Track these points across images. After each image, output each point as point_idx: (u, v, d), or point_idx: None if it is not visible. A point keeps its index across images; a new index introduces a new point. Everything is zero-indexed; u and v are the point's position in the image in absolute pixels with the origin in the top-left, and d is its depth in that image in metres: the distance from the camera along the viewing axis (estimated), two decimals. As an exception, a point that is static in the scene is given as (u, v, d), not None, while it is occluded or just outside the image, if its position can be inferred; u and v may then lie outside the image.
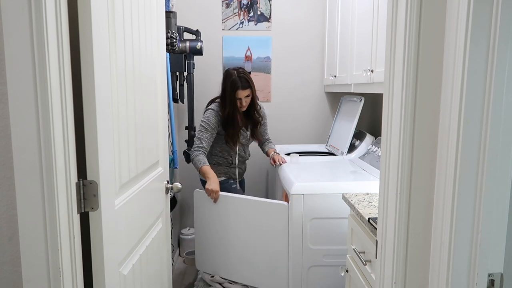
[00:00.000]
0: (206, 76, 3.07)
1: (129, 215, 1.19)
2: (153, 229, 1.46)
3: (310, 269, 1.96)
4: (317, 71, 3.10)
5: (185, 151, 2.75)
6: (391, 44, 0.90)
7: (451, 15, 0.77)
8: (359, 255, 1.35)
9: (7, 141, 0.85)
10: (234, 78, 2.25)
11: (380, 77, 1.79)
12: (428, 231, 0.85)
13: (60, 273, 0.87)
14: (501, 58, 0.69)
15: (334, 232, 1.91)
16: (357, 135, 2.64)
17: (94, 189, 0.96)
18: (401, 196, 0.87)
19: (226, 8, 3.01)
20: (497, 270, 0.75)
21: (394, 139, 0.89)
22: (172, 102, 2.46)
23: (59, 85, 0.86)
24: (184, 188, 3.16)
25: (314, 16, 3.04)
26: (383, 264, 0.96)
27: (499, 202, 0.73)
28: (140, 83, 1.28)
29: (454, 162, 0.75)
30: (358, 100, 2.59)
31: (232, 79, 2.25)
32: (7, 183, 0.87)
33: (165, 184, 1.62)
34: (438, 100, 0.81)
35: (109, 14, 1.02)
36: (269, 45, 3.06)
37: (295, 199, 1.90)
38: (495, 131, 0.71)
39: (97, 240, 0.99)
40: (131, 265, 1.21)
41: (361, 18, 2.13)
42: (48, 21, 0.81)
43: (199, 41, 2.56)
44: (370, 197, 1.54)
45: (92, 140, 0.96)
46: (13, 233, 0.88)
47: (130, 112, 1.19)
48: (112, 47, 1.05)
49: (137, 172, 1.26)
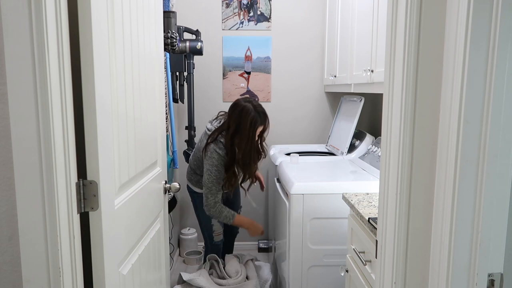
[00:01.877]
0: (206, 76, 3.08)
1: (128, 215, 1.19)
2: (152, 229, 1.46)
3: (310, 269, 1.96)
4: (317, 71, 3.10)
5: (185, 151, 2.76)
6: (391, 44, 0.90)
7: (451, 15, 0.77)
8: (359, 255, 1.35)
9: (7, 141, 0.85)
10: (254, 115, 2.03)
11: (380, 77, 1.79)
12: (428, 231, 0.85)
13: (60, 273, 0.87)
14: (501, 58, 0.69)
15: (334, 232, 1.91)
16: (357, 135, 2.64)
17: (94, 189, 0.96)
18: (401, 196, 0.87)
19: (226, 8, 3.01)
20: (497, 270, 0.75)
21: (394, 139, 0.89)
22: (172, 102, 2.45)
23: (59, 85, 0.86)
24: (184, 188, 3.17)
25: (314, 16, 3.04)
26: (383, 264, 0.96)
27: (499, 202, 0.73)
28: (139, 83, 1.28)
29: (454, 162, 0.75)
30: (358, 100, 2.59)
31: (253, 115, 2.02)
32: (7, 183, 0.86)
33: (163, 184, 1.62)
34: (438, 100, 0.81)
35: (108, 14, 1.02)
36: (269, 45, 3.06)
37: (295, 199, 1.90)
38: (495, 131, 0.71)
39: (97, 240, 0.99)
40: (130, 265, 1.21)
41: (361, 18, 2.13)
42: (48, 21, 0.81)
43: (199, 41, 2.56)
44: (370, 197, 1.54)
45: (92, 140, 0.96)
46: (13, 233, 0.88)
47: (129, 112, 1.19)
48: (111, 47, 1.05)
49: (136, 172, 1.26)
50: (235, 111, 2.07)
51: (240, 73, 3.08)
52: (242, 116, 2.04)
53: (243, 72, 3.08)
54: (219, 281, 2.11)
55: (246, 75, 3.09)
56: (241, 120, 2.04)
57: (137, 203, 1.27)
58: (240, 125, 2.04)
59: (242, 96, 2.20)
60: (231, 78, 3.09)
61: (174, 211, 2.83)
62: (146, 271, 1.37)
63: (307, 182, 1.97)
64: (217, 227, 2.32)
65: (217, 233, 2.33)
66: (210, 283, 2.07)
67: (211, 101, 3.10)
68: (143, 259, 1.34)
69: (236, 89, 3.09)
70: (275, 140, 3.10)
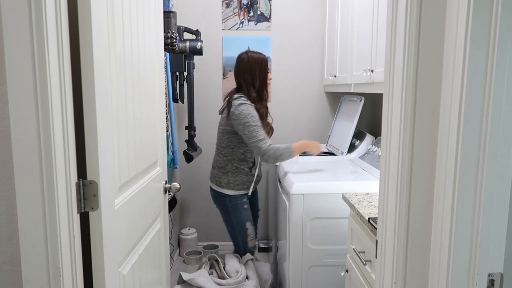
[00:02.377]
0: (206, 76, 3.08)
1: (128, 215, 1.19)
2: (152, 229, 1.46)
3: (310, 269, 1.96)
4: (317, 71, 3.10)
5: (185, 151, 2.75)
6: (391, 44, 0.90)
7: (451, 15, 0.77)
8: (359, 255, 1.35)
9: (7, 141, 0.85)
10: (263, 57, 2.17)
11: (380, 77, 1.79)
12: (428, 231, 0.85)
13: (60, 273, 0.87)
14: (501, 57, 0.69)
15: (334, 232, 1.91)
16: (357, 135, 2.64)
17: (94, 189, 0.96)
18: (401, 196, 0.87)
19: (226, 8, 3.01)
20: (497, 270, 0.75)
21: (394, 139, 0.89)
22: (172, 102, 2.45)
23: (59, 85, 0.86)
24: (184, 188, 3.17)
25: (314, 16, 3.04)
26: (383, 264, 0.96)
27: (499, 202, 0.73)
28: (139, 83, 1.28)
29: (454, 162, 0.75)
30: (358, 100, 2.59)
31: (263, 57, 2.17)
32: (7, 183, 0.87)
33: (163, 184, 1.62)
34: (438, 100, 0.81)
35: (108, 14, 1.02)
36: (269, 45, 3.06)
37: (295, 199, 1.90)
38: (495, 131, 0.71)
39: (97, 240, 0.99)
40: (130, 265, 1.21)
41: (361, 17, 2.13)
42: (48, 21, 0.81)
43: (199, 41, 2.56)
44: (370, 197, 1.54)
45: (92, 140, 0.96)
46: (13, 233, 0.88)
47: (129, 112, 1.19)
48: (111, 47, 1.05)
49: (136, 172, 1.26)
50: (242, 64, 2.19)
51: (240, 73, 3.08)
52: (257, 62, 2.17)
53: (243, 72, 3.08)
54: (219, 281, 2.11)
55: (246, 75, 3.08)
56: (257, 65, 2.16)
57: (137, 203, 1.27)
58: (254, 72, 2.16)
59: None
60: (231, 78, 3.07)
61: (174, 211, 2.84)
62: (146, 271, 1.37)
63: (307, 182, 1.97)
64: (251, 231, 2.27)
65: (251, 237, 2.28)
66: (210, 283, 2.07)
67: (211, 101, 3.10)
68: (143, 259, 1.34)
69: (236, 89, 3.09)
70: (275, 140, 3.09)
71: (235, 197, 2.24)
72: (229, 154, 2.21)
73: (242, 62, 2.21)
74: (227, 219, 2.31)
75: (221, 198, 2.27)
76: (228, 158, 2.22)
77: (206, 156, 3.12)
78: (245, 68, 2.19)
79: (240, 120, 2.08)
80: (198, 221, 3.23)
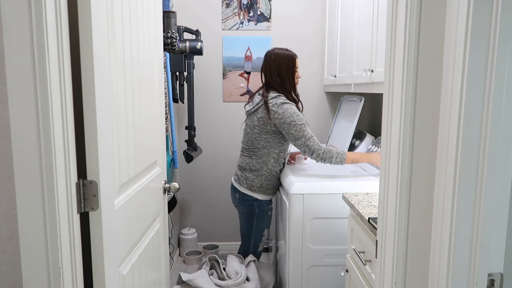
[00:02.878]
0: (206, 76, 3.08)
1: (128, 215, 1.19)
2: (152, 229, 1.46)
3: (310, 269, 1.96)
4: (317, 71, 3.10)
5: (185, 151, 2.75)
6: (391, 44, 0.90)
7: (451, 15, 0.77)
8: (359, 255, 1.35)
9: (7, 141, 0.85)
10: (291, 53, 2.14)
11: (380, 77, 1.79)
12: (428, 231, 0.85)
13: (60, 273, 0.87)
14: (501, 57, 0.69)
15: (334, 232, 1.91)
16: (357, 135, 2.64)
17: (94, 189, 0.96)
18: (401, 196, 0.87)
19: (226, 8, 3.01)
20: (497, 270, 0.75)
21: (394, 139, 0.89)
22: (172, 102, 2.45)
23: (59, 85, 0.86)
24: (184, 188, 3.17)
25: (314, 16, 3.04)
26: (383, 264, 0.96)
27: (499, 202, 0.73)
28: (139, 83, 1.28)
29: (454, 162, 0.75)
30: (358, 100, 2.59)
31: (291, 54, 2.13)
32: (7, 183, 0.87)
33: (163, 184, 1.62)
34: (438, 100, 0.81)
35: (108, 14, 1.02)
36: (269, 45, 3.06)
37: (295, 199, 1.90)
38: (495, 131, 0.71)
39: (97, 240, 0.99)
40: (130, 265, 1.21)
41: (361, 18, 2.13)
42: (48, 21, 0.81)
43: (199, 41, 2.56)
44: (370, 197, 1.54)
45: (92, 140, 0.96)
46: (13, 233, 0.88)
47: (129, 112, 1.19)
48: (111, 47, 1.05)
49: (136, 172, 1.26)
50: (270, 60, 2.15)
51: (240, 73, 3.08)
52: (286, 58, 2.13)
53: (243, 72, 3.08)
54: (219, 282, 2.10)
55: (246, 75, 3.09)
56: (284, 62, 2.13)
57: (137, 203, 1.27)
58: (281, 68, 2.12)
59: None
60: (231, 78, 3.09)
61: (174, 211, 2.84)
62: (146, 271, 1.37)
63: (307, 182, 1.97)
64: (266, 237, 2.28)
65: (263, 243, 2.29)
66: (209, 284, 2.07)
67: (211, 101, 3.10)
68: (143, 259, 1.34)
69: (236, 89, 3.09)
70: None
71: (265, 202, 2.21)
72: (265, 155, 2.14)
73: (268, 59, 2.17)
74: (247, 222, 2.25)
75: (250, 202, 2.19)
76: (263, 160, 2.15)
77: (206, 156, 3.13)
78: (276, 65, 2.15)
79: (286, 119, 2.02)
80: (198, 221, 3.23)
